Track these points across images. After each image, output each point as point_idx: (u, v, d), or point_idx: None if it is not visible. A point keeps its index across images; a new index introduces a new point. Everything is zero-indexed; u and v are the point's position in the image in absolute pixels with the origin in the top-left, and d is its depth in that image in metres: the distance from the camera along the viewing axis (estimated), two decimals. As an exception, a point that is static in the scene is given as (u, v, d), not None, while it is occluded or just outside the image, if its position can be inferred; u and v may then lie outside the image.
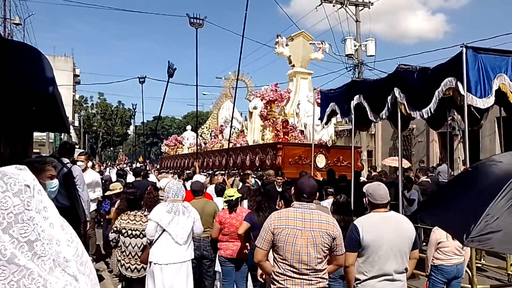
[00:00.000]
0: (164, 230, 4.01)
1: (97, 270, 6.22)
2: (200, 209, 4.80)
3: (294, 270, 2.72)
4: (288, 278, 2.73)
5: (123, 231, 4.56)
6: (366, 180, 10.18)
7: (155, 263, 3.99)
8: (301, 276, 2.72)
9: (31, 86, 3.24)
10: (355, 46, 17.82)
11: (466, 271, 4.76)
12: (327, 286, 2.86)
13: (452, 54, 5.27)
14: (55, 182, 2.70)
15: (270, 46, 22.65)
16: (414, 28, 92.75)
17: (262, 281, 4.05)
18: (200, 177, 6.46)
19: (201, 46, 11.07)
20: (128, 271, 4.45)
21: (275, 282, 2.78)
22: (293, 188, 2.96)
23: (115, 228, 4.62)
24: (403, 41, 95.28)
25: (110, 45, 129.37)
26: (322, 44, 14.59)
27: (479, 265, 6.42)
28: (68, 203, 3.82)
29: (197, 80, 11.17)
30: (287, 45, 14.11)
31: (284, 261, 2.74)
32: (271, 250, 2.86)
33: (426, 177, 9.30)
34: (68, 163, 4.61)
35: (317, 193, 2.99)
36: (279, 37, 13.99)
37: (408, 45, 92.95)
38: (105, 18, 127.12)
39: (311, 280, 2.73)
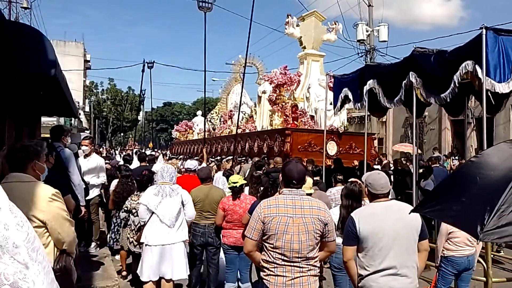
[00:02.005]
0: (153, 212, 4.20)
1: (96, 255, 6.35)
2: (205, 195, 4.87)
3: (285, 258, 2.68)
4: (278, 265, 2.69)
5: (133, 211, 4.95)
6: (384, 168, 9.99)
7: (145, 244, 4.23)
8: (291, 264, 2.68)
9: (33, 68, 3.20)
10: (367, 31, 17.45)
11: (481, 263, 4.66)
12: (319, 273, 2.79)
13: (468, 40, 5.09)
14: (45, 166, 2.70)
15: (280, 31, 22.34)
16: (428, 13, 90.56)
17: None
18: (191, 162, 6.43)
19: (211, 32, 11.13)
20: (136, 248, 4.82)
21: (265, 270, 2.74)
22: (280, 174, 2.89)
23: (125, 208, 5.05)
24: (416, 27, 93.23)
25: (120, 31, 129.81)
26: (335, 24, 14.17)
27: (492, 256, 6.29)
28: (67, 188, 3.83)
29: (205, 64, 11.13)
30: (298, 25, 13.71)
31: (274, 250, 2.69)
32: None
33: (438, 165, 9.13)
34: (59, 146, 4.66)
35: (306, 179, 2.91)
36: (289, 17, 13.55)
37: (421, 31, 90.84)
38: (115, 4, 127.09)
39: (302, 267, 2.68)
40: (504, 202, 1.35)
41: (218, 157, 12.29)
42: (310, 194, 3.83)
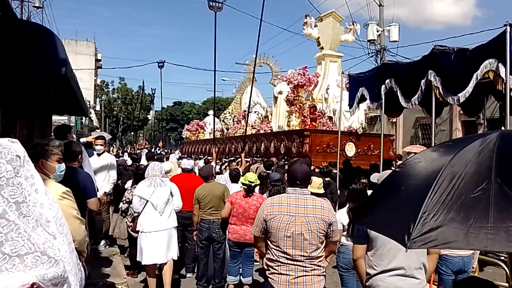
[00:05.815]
0: (147, 202, 4.75)
1: (106, 253, 6.41)
2: (208, 192, 5.17)
3: (288, 256, 2.74)
4: (281, 264, 2.75)
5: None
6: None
7: (141, 232, 4.80)
8: (295, 263, 2.73)
9: (44, 67, 3.23)
10: (377, 31, 17.30)
11: (504, 269, 4.56)
12: (324, 274, 2.85)
13: (481, 40, 5.00)
14: (63, 165, 2.74)
15: (291, 31, 22.29)
16: (441, 12, 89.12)
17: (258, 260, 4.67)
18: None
19: (221, 32, 11.24)
20: (134, 233, 5.17)
21: (269, 268, 2.83)
22: (286, 174, 3.00)
23: (127, 200, 5.42)
24: (428, 27, 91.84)
25: (132, 31, 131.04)
26: (353, 25, 14.21)
27: None
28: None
29: (215, 63, 11.28)
30: (315, 26, 13.79)
31: (277, 248, 2.76)
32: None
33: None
34: None
35: (312, 179, 3.05)
36: (307, 17, 13.63)
37: (433, 31, 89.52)
38: (128, 4, 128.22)
39: (305, 266, 2.73)
40: (426, 210, 1.43)
41: (232, 158, 12.25)
42: (319, 195, 3.84)
